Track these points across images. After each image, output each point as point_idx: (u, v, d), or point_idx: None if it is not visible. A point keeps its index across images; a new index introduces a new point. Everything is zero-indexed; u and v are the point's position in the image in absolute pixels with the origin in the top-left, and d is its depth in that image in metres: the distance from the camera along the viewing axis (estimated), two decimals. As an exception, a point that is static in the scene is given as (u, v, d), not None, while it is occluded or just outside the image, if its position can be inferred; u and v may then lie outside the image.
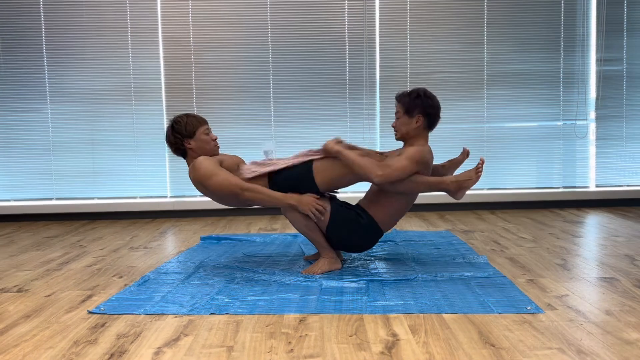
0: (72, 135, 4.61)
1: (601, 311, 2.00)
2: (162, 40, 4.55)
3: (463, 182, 2.54)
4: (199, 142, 2.67)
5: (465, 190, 2.57)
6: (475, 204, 4.60)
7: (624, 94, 4.63)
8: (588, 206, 4.63)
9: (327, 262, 2.63)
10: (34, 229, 4.18)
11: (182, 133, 2.66)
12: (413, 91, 2.64)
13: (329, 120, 4.60)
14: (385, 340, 1.77)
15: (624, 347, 1.68)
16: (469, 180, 2.54)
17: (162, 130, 4.60)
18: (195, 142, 2.67)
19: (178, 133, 2.66)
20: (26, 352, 1.74)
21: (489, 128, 4.65)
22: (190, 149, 2.68)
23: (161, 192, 4.66)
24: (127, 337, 1.85)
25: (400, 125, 2.64)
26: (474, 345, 1.72)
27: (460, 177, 2.54)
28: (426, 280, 2.44)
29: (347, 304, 2.14)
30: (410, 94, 2.63)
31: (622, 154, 4.68)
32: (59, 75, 4.56)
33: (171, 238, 3.69)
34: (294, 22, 4.55)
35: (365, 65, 4.58)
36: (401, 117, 2.63)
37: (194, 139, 2.67)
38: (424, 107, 2.61)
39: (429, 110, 2.61)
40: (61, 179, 4.63)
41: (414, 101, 2.60)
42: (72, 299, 2.30)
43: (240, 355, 1.69)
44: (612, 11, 4.55)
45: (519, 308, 2.04)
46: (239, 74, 4.58)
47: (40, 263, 3.00)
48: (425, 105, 2.61)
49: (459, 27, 4.57)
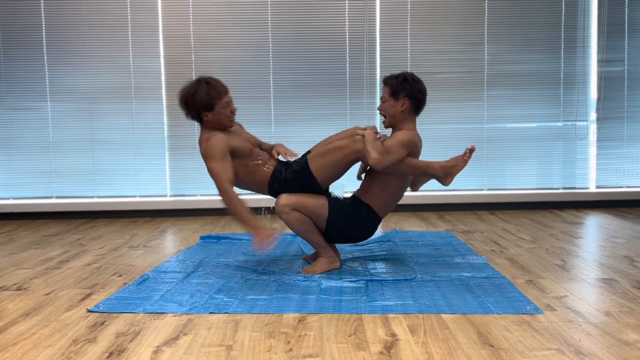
0: (72, 134, 4.61)
1: (600, 312, 2.00)
2: (163, 38, 4.55)
3: (451, 168, 2.55)
4: (217, 116, 2.55)
5: (453, 175, 2.58)
6: (475, 204, 4.60)
7: (625, 95, 4.63)
8: (588, 207, 4.63)
9: (327, 261, 2.63)
10: (34, 227, 4.18)
11: (201, 104, 2.53)
12: (400, 74, 2.65)
13: (329, 119, 4.60)
14: (384, 340, 1.77)
15: (622, 348, 1.68)
16: (456, 166, 2.54)
17: (162, 129, 4.61)
18: (213, 115, 2.55)
19: (197, 104, 2.53)
20: (25, 350, 1.74)
21: (489, 129, 4.65)
22: (207, 120, 2.59)
23: (161, 191, 4.66)
24: (126, 335, 1.85)
25: (387, 108, 2.65)
26: (473, 345, 1.72)
27: (449, 162, 2.55)
28: (425, 281, 2.44)
29: (346, 304, 2.14)
30: (397, 77, 2.64)
31: (623, 156, 4.68)
32: (59, 74, 4.56)
33: (171, 237, 3.69)
34: (295, 22, 4.55)
35: (365, 65, 4.58)
36: (387, 100, 2.65)
37: (213, 112, 2.55)
38: (411, 91, 2.61)
39: (416, 94, 2.62)
40: (61, 178, 4.63)
41: (401, 84, 2.61)
42: (71, 298, 2.30)
43: (239, 354, 1.69)
44: (613, 12, 4.55)
45: (518, 309, 2.04)
46: (239, 73, 4.58)
47: (40, 261, 3.00)
48: (412, 89, 2.61)
49: (459, 28, 4.57)
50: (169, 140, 4.62)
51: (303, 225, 2.57)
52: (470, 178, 4.64)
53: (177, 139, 4.61)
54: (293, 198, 2.56)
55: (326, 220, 2.59)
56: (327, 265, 2.63)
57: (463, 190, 4.66)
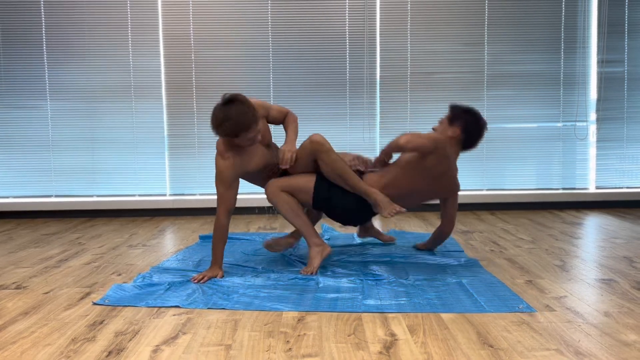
0: (71, 132, 4.60)
1: (599, 313, 2.00)
2: (163, 37, 4.55)
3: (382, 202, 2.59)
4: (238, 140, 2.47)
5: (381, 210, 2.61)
6: (475, 204, 4.60)
7: (625, 95, 4.63)
8: (587, 208, 4.63)
9: (318, 252, 2.62)
10: (33, 226, 4.18)
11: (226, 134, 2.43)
12: (468, 108, 2.73)
13: (329, 119, 4.60)
14: (383, 340, 1.77)
15: (622, 348, 1.68)
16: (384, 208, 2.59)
17: (162, 128, 4.60)
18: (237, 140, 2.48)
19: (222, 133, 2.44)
20: (24, 349, 1.74)
21: (489, 129, 4.60)
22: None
23: (160, 190, 4.65)
24: (126, 334, 1.85)
25: (437, 128, 2.73)
26: (472, 345, 1.72)
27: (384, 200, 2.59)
28: (419, 280, 2.45)
29: (342, 302, 2.15)
30: (463, 107, 2.73)
31: (623, 156, 4.68)
32: (59, 72, 4.55)
33: (170, 236, 3.69)
34: (295, 21, 4.55)
35: (365, 64, 4.58)
36: (443, 122, 2.73)
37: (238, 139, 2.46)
38: (467, 124, 2.67)
39: (470, 128, 2.68)
40: (60, 176, 4.63)
41: (462, 114, 2.69)
42: (70, 297, 2.30)
43: (238, 353, 1.69)
44: (613, 13, 4.55)
45: (511, 307, 2.05)
46: (239, 72, 4.58)
47: (39, 260, 3.00)
48: (469, 123, 2.68)
49: (459, 28, 4.57)
50: (169, 140, 4.62)
51: (290, 207, 2.61)
52: (469, 178, 4.64)
53: (177, 138, 4.61)
54: (282, 180, 2.65)
55: (313, 189, 2.62)
56: (320, 255, 2.62)
57: (462, 191, 4.65)
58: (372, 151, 4.61)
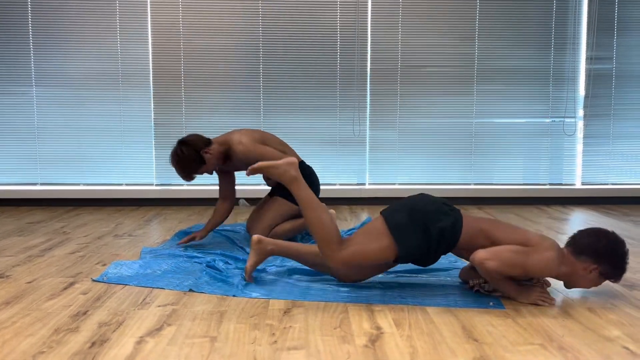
0: (57, 120, 4.54)
1: (583, 308, 2.02)
2: (151, 24, 4.49)
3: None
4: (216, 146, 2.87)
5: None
6: (462, 198, 4.62)
7: (613, 92, 4.66)
8: (573, 203, 4.67)
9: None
10: (17, 214, 4.13)
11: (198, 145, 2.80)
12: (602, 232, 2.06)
13: (319, 111, 4.58)
14: (369, 333, 1.77)
15: (604, 344, 1.70)
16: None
17: (149, 116, 4.55)
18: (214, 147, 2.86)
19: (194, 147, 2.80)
20: (5, 339, 1.72)
21: (478, 123, 4.66)
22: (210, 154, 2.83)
23: (147, 179, 4.61)
24: (109, 325, 1.83)
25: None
26: (457, 339, 1.72)
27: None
28: (394, 272, 2.45)
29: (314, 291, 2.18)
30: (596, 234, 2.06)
31: (609, 153, 4.71)
32: (45, 59, 4.48)
33: (156, 226, 3.66)
34: (286, 11, 4.51)
35: (356, 57, 4.56)
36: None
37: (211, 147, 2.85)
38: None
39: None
40: (46, 164, 4.57)
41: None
42: (54, 286, 2.27)
43: (223, 345, 1.68)
44: (603, 10, 4.57)
45: (482, 303, 2.05)
46: (228, 61, 4.53)
47: (23, 249, 2.96)
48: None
49: (450, 22, 4.56)
50: (156, 129, 4.57)
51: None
52: (457, 172, 4.66)
53: (164, 127, 4.56)
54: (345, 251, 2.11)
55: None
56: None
57: (450, 185, 4.68)
58: (362, 145, 4.61)
